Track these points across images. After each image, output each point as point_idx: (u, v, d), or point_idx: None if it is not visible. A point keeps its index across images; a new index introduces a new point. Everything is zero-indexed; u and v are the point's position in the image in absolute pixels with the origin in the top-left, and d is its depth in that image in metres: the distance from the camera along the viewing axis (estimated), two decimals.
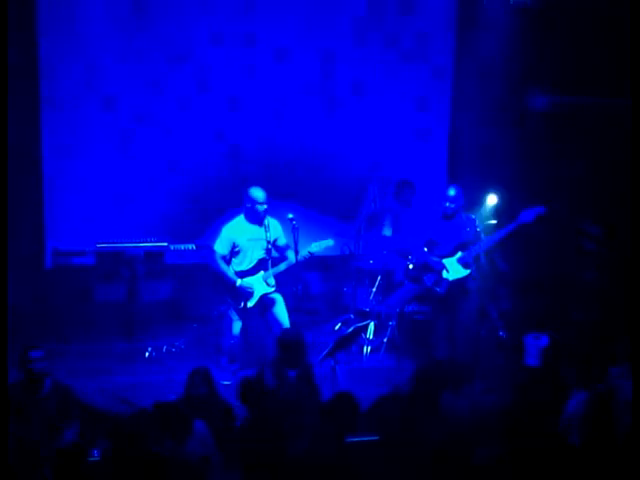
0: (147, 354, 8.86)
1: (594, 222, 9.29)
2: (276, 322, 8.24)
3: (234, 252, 8.19)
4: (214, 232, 8.51)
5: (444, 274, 8.55)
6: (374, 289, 9.40)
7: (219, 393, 6.49)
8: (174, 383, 7.28)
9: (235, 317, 8.25)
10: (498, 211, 9.02)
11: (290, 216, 8.09)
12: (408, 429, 5.20)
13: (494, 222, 8.93)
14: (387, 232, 9.56)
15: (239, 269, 8.20)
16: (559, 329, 8.01)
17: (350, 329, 8.89)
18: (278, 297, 8.31)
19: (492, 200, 9.07)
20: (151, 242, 9.38)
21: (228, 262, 8.21)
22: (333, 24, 10.06)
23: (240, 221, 8.20)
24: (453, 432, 5.32)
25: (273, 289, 8.30)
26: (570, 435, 5.33)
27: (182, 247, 9.59)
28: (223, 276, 8.18)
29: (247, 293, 8.17)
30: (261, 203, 8.05)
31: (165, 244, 9.43)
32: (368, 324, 9.20)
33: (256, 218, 8.13)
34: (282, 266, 8.24)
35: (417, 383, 5.80)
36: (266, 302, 8.28)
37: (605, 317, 8.68)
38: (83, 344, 8.98)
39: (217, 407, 6.27)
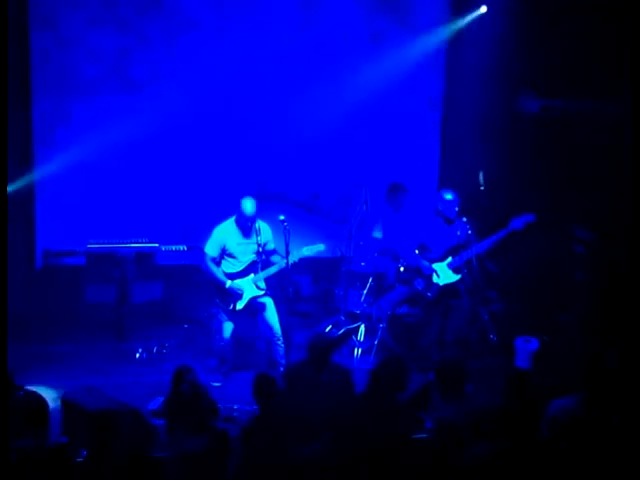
0: (138, 355, 8.85)
1: (584, 226, 9.32)
2: (266, 325, 8.25)
3: (225, 254, 8.19)
4: (205, 233, 8.51)
5: (434, 279, 8.58)
6: (365, 291, 9.41)
7: (205, 391, 6.45)
8: (164, 384, 7.25)
9: (225, 319, 8.25)
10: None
11: (282, 218, 8.08)
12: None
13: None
14: (377, 234, 9.57)
15: (230, 271, 8.21)
16: (549, 331, 8.06)
17: (341, 331, 8.95)
18: (268, 301, 8.30)
19: None
20: (142, 243, 9.38)
21: (218, 264, 8.21)
22: (330, 32, 10.11)
23: (231, 224, 8.19)
24: (443, 433, 5.33)
25: (263, 292, 8.30)
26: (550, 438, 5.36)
27: (173, 248, 9.59)
28: (213, 278, 8.18)
29: (237, 295, 8.17)
30: (248, 217, 8.04)
31: (156, 245, 9.43)
32: (359, 326, 9.23)
33: (243, 227, 8.14)
34: (272, 269, 8.24)
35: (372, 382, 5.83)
36: (256, 305, 8.28)
37: (595, 319, 8.72)
38: (73, 345, 8.97)
39: (203, 404, 6.21)
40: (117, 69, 9.69)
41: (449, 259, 8.59)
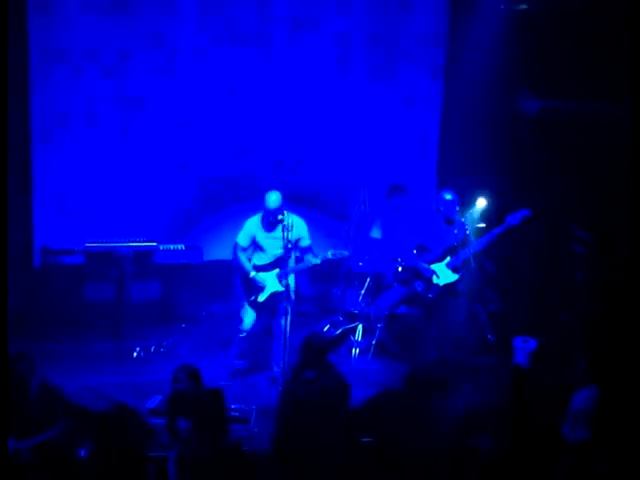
0: (135, 354, 8.84)
1: (583, 226, 9.32)
2: (278, 327, 8.18)
3: (256, 246, 8.22)
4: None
5: (434, 279, 8.56)
6: (363, 291, 9.40)
7: (205, 391, 6.43)
8: (162, 383, 7.25)
9: (249, 310, 8.27)
10: (487, 215, 9.00)
11: (280, 217, 8.07)
12: (400, 430, 5.21)
13: (483, 225, 8.86)
14: (376, 234, 9.56)
15: (259, 263, 8.24)
16: (549, 331, 8.05)
17: (339, 331, 8.93)
18: (288, 307, 8.15)
19: (481, 203, 8.88)
20: (140, 242, 9.37)
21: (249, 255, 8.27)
22: (326, 28, 10.07)
23: (259, 217, 8.22)
24: (443, 433, 5.32)
25: (284, 289, 8.17)
26: (576, 429, 5.35)
27: (171, 247, 9.58)
28: (240, 266, 8.22)
29: (258, 287, 8.17)
30: (270, 211, 8.00)
31: (154, 244, 9.41)
32: (357, 326, 9.23)
33: (266, 221, 8.13)
34: (298, 267, 8.22)
35: (409, 385, 5.79)
36: (276, 303, 8.24)
37: (595, 319, 8.71)
38: (71, 343, 8.96)
39: (202, 405, 6.17)
40: (117, 70, 9.67)
41: (447, 259, 8.59)
